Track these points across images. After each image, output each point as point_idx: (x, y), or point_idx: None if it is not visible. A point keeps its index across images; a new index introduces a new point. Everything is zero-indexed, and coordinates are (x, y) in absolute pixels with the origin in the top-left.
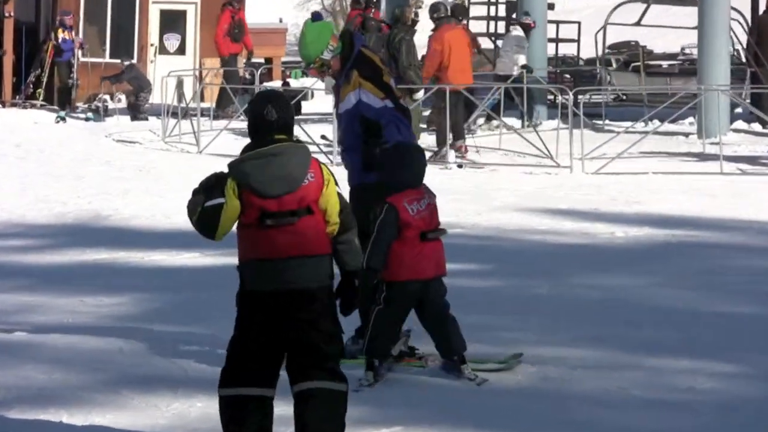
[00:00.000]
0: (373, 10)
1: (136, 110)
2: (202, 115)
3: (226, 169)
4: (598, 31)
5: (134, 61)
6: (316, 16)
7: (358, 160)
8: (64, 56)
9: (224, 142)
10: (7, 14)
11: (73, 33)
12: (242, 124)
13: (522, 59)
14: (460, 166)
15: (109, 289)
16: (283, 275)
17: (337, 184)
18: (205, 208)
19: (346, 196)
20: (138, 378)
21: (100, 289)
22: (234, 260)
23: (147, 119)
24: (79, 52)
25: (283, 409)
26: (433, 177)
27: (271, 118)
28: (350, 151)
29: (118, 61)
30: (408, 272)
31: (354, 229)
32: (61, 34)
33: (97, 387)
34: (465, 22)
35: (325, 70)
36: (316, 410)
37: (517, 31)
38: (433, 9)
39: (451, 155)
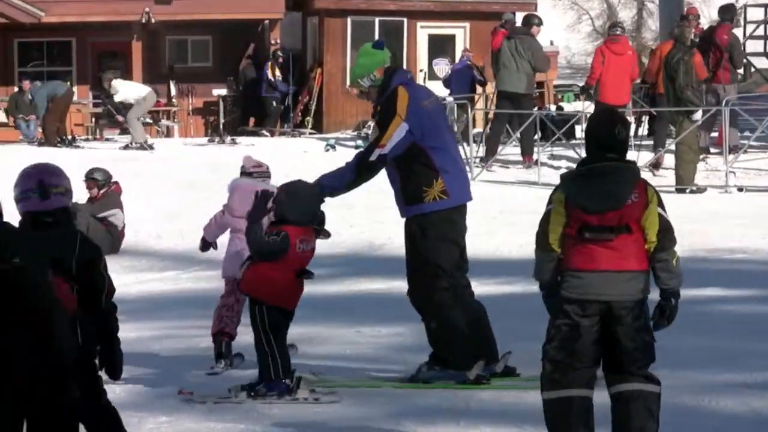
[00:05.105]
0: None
1: None
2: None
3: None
4: None
5: None
6: (377, 44)
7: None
8: None
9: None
10: (273, 42)
11: None
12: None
13: None
14: (740, 189)
15: (387, 319)
16: (599, 287)
17: (660, 204)
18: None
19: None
20: (419, 409)
21: (377, 319)
22: (514, 289)
23: None
24: None
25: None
26: (711, 201)
27: (621, 137)
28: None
29: None
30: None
31: (671, 249)
32: None
33: (377, 419)
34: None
35: (363, 94)
36: (636, 410)
37: None
38: None
39: (732, 179)
